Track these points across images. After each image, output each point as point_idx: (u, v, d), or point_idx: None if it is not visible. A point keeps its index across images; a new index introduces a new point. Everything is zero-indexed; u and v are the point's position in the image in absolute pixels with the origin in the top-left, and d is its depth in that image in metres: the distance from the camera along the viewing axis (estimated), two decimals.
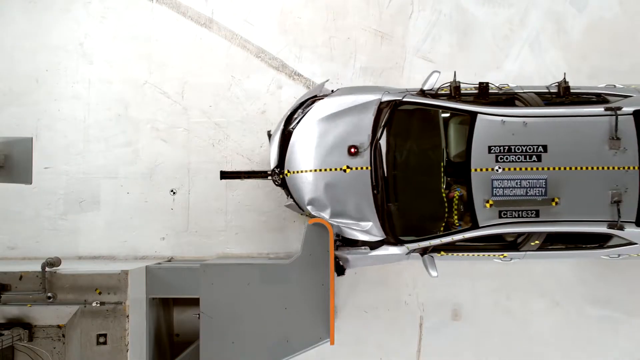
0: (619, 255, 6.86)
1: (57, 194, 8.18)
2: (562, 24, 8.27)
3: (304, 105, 7.11)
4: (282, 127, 7.03)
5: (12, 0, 8.30)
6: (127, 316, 6.53)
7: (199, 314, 6.94)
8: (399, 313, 8.09)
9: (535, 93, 6.73)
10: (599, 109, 6.44)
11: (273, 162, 7.04)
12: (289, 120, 7.07)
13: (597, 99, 6.70)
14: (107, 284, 6.55)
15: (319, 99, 7.03)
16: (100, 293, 6.54)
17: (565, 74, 6.80)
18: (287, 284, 6.98)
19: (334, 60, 8.26)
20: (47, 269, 6.48)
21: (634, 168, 6.36)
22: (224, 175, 7.51)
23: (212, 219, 8.13)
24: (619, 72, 7.92)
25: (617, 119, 6.32)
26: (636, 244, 6.55)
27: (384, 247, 6.82)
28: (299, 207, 7.06)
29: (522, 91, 6.75)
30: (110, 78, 8.26)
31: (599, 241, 6.68)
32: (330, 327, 6.92)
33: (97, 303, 6.47)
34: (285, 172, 6.93)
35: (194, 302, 7.09)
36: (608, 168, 6.36)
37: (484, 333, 8.06)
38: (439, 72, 6.69)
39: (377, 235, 6.71)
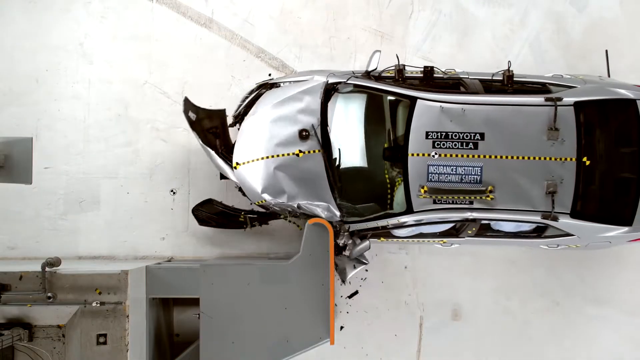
0: (558, 246, 6.87)
1: (57, 194, 8.17)
2: (562, 24, 8.27)
3: (251, 94, 7.13)
4: (201, 143, 6.95)
5: (12, 0, 8.30)
6: (127, 316, 6.53)
7: (199, 314, 6.94)
8: (399, 313, 8.09)
9: (480, 80, 6.69)
10: (539, 99, 6.39)
11: (230, 172, 6.97)
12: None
13: (542, 88, 6.65)
14: (107, 284, 6.55)
15: (268, 89, 7.02)
16: (100, 293, 6.54)
17: (510, 62, 6.73)
18: (287, 284, 6.98)
19: (334, 60, 8.26)
20: (47, 269, 6.48)
21: (571, 159, 6.32)
22: (224, 176, 7.53)
23: None
24: (618, 72, 7.92)
25: (556, 109, 6.28)
26: (573, 235, 6.55)
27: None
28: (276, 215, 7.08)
29: (466, 77, 6.71)
30: (110, 78, 8.26)
31: (536, 231, 6.67)
32: (330, 327, 6.92)
33: (97, 303, 6.47)
34: (234, 164, 6.86)
35: (194, 302, 7.08)
36: (544, 159, 6.33)
37: (484, 333, 8.06)
38: (380, 51, 6.68)
39: (335, 215, 6.70)
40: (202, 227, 8.00)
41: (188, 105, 7.17)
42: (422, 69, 6.70)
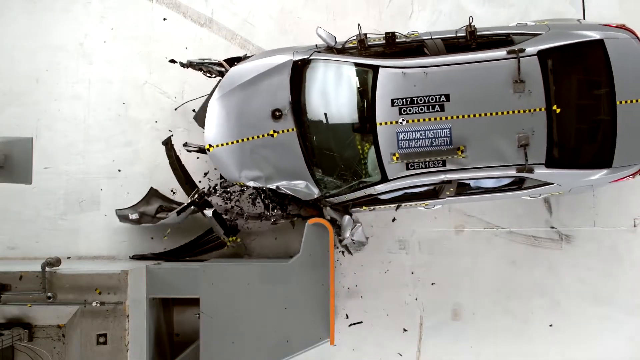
0: (540, 195, 6.87)
1: (57, 194, 8.17)
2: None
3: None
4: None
5: (13, 0, 8.31)
6: (127, 316, 6.53)
7: (199, 314, 6.94)
8: (399, 313, 8.09)
9: (444, 39, 6.62)
10: (501, 53, 6.33)
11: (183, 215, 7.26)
12: None
13: (506, 39, 6.57)
14: (107, 284, 6.55)
15: (233, 66, 7.00)
16: (100, 293, 6.54)
17: (471, 17, 6.59)
18: (287, 284, 6.98)
19: None
20: (47, 269, 6.48)
21: (540, 110, 6.27)
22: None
23: None
24: None
25: (519, 61, 6.23)
26: (553, 183, 6.54)
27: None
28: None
29: (429, 37, 6.63)
30: (110, 78, 8.26)
31: (517, 183, 6.65)
32: (330, 327, 6.93)
33: (97, 303, 6.47)
34: (207, 146, 6.86)
35: (194, 302, 7.09)
36: (513, 112, 6.29)
37: (484, 333, 8.06)
38: (320, 26, 6.67)
39: (314, 192, 6.70)
40: (202, 226, 8.02)
41: (123, 213, 7.51)
42: (384, 36, 6.63)
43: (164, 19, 8.21)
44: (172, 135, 7.93)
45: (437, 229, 8.07)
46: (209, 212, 7.18)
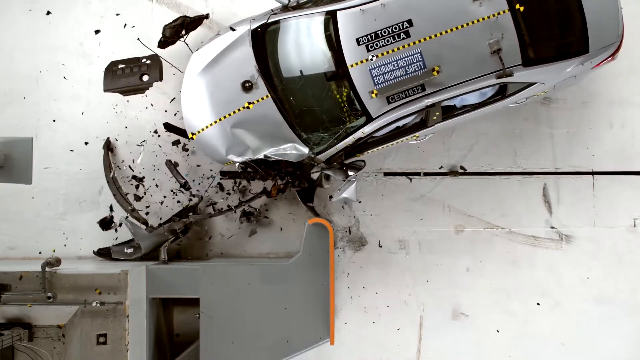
0: (527, 99, 6.82)
1: (57, 194, 8.18)
2: None
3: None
4: None
5: (13, 0, 8.31)
6: (127, 316, 6.54)
7: (199, 314, 6.95)
8: (399, 313, 8.09)
9: None
10: None
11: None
12: None
13: None
14: (107, 284, 6.56)
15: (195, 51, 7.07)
16: (100, 293, 6.55)
17: None
18: (287, 284, 7.00)
19: None
20: (47, 269, 6.48)
21: (504, 12, 6.24)
22: (224, 174, 7.55)
23: (213, 219, 8.12)
24: (619, 73, 7.92)
25: None
26: (535, 83, 6.51)
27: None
28: None
29: None
30: None
31: (500, 92, 6.63)
32: (330, 327, 6.94)
33: (97, 303, 6.47)
34: (190, 135, 6.95)
35: (194, 302, 7.09)
36: (478, 21, 6.27)
37: (484, 333, 8.06)
38: None
39: (304, 152, 6.70)
40: (203, 226, 8.03)
41: (118, 248, 7.62)
42: None
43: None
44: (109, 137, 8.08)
45: (437, 229, 8.08)
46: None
